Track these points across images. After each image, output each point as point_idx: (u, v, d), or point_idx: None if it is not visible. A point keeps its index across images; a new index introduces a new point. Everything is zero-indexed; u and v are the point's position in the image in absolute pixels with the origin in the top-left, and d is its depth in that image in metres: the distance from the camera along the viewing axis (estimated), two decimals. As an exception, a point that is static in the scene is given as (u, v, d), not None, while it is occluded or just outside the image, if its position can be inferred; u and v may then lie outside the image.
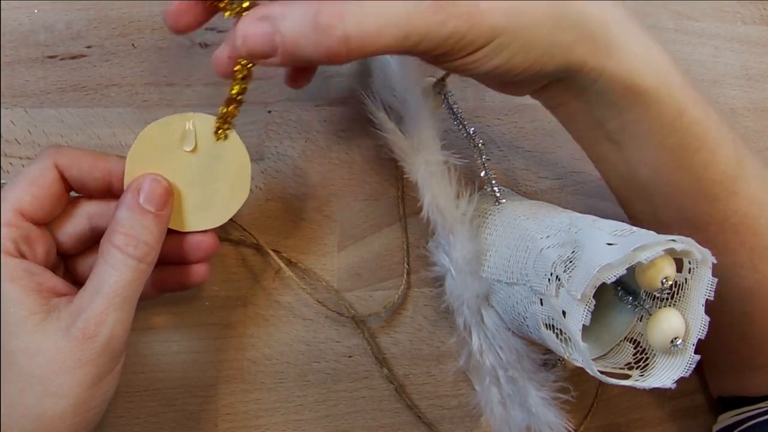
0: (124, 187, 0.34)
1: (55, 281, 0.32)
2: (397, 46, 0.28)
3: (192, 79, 0.40)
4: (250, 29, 0.29)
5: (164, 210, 0.33)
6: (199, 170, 0.35)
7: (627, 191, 0.39)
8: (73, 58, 0.39)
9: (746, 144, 0.38)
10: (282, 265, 0.41)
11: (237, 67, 0.32)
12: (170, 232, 0.34)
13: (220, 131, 0.34)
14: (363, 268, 0.44)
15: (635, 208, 0.40)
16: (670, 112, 0.34)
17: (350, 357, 0.44)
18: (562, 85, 0.34)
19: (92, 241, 0.36)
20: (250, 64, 0.32)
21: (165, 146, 0.34)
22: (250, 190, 0.41)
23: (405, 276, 0.44)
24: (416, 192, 0.40)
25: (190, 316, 0.41)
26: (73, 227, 0.35)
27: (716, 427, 0.47)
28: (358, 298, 0.44)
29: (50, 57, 0.38)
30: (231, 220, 0.41)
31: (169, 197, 0.34)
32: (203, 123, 0.34)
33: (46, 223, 0.34)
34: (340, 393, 0.44)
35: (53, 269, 0.34)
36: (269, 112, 0.42)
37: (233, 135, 0.35)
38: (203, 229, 0.35)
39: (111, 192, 0.34)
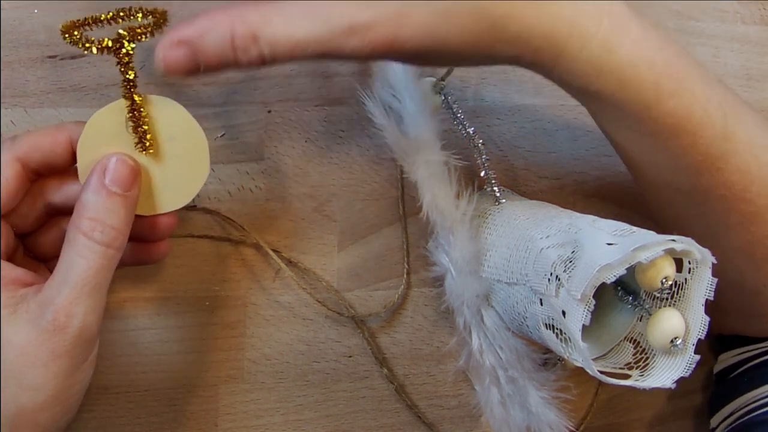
0: (79, 176, 0.33)
1: (18, 272, 0.32)
2: (314, 60, 0.30)
3: (191, 79, 0.40)
4: (170, 56, 0.30)
5: (131, 191, 0.32)
6: (155, 152, 0.34)
7: (610, 140, 0.39)
8: (73, 58, 0.39)
9: (745, 109, 0.37)
10: (282, 265, 0.41)
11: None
12: None
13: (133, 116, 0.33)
14: (363, 268, 0.44)
15: (620, 153, 0.39)
16: (633, 108, 0.34)
17: (350, 357, 0.44)
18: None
19: (47, 217, 0.35)
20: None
21: (114, 132, 0.33)
22: (250, 189, 0.42)
23: (405, 276, 0.44)
24: (416, 192, 0.40)
25: (190, 316, 0.41)
26: (28, 208, 0.34)
27: (717, 366, 0.47)
28: (358, 298, 0.44)
29: (50, 57, 0.38)
30: (230, 219, 0.41)
31: (136, 177, 0.33)
32: (151, 104, 0.33)
33: (5, 215, 0.33)
34: (340, 393, 0.44)
35: (12, 253, 0.34)
36: (269, 112, 0.42)
37: (185, 114, 0.34)
38: (167, 210, 0.34)
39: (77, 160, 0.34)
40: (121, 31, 0.32)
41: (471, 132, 0.41)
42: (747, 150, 0.36)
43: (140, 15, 0.33)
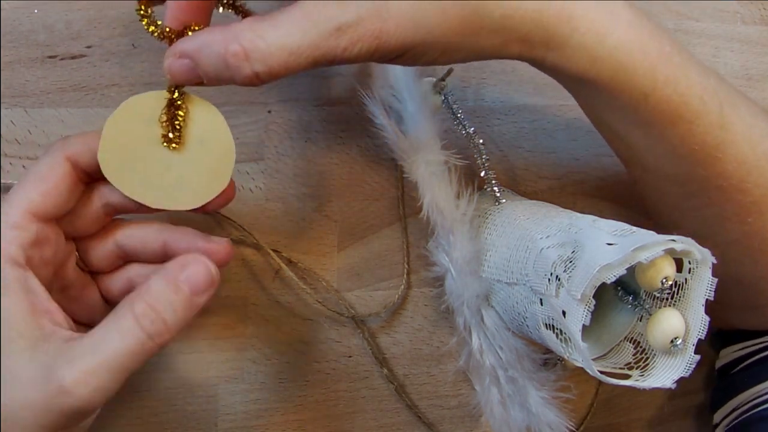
0: (99, 149, 0.32)
1: (50, 305, 0.31)
2: (310, 67, 0.30)
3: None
4: (174, 66, 0.31)
5: (200, 297, 0.30)
6: (180, 149, 0.33)
7: (601, 129, 0.39)
8: (73, 58, 0.39)
9: (740, 99, 0.37)
10: (282, 265, 0.41)
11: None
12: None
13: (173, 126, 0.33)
14: (363, 268, 0.44)
15: (615, 146, 0.39)
16: (630, 96, 0.34)
17: (350, 357, 0.44)
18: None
19: (106, 220, 0.35)
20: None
21: (146, 118, 0.33)
22: (250, 189, 0.42)
23: (405, 276, 0.44)
24: (416, 192, 0.40)
25: (190, 316, 0.41)
26: (83, 208, 0.33)
27: (719, 362, 0.47)
28: (358, 298, 0.44)
29: (50, 57, 0.38)
30: (230, 219, 0.41)
31: (210, 287, 0.31)
32: (192, 104, 0.33)
33: (58, 218, 0.32)
34: (340, 393, 0.44)
35: (65, 260, 0.33)
36: (269, 112, 0.42)
37: (222, 122, 0.34)
38: (171, 209, 0.34)
39: None
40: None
41: (471, 132, 0.41)
42: (744, 140, 0.36)
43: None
